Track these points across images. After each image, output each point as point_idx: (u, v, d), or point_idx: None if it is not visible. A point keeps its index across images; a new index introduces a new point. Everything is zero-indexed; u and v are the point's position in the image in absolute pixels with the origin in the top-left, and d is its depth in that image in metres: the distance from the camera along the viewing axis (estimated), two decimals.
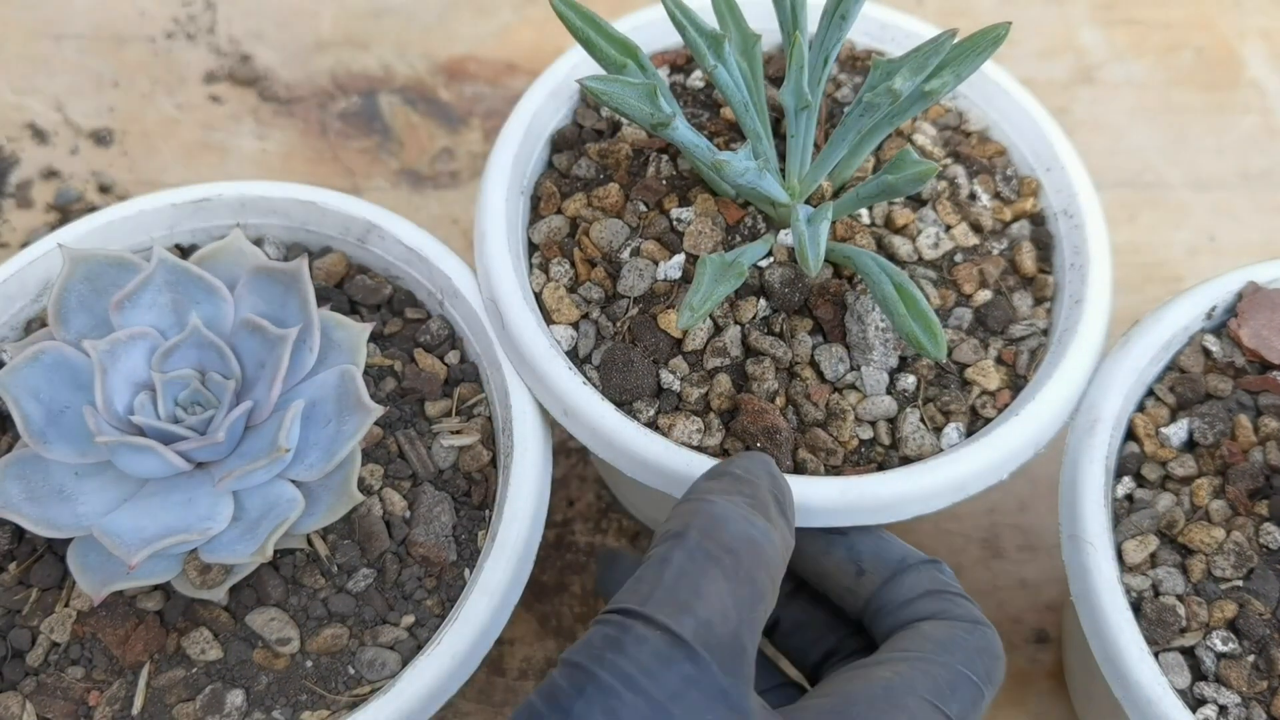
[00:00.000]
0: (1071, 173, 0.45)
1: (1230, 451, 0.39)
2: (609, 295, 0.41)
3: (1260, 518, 0.38)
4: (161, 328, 0.37)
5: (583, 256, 0.42)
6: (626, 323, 0.41)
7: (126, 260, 0.37)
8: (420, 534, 0.38)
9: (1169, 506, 0.39)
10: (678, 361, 0.40)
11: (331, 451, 0.36)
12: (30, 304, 0.42)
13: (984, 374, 0.41)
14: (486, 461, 0.40)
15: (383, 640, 0.37)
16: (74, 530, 0.35)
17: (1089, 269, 0.42)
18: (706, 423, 0.39)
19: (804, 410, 0.40)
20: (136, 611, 0.37)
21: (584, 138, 0.45)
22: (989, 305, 0.42)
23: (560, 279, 0.42)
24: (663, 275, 0.41)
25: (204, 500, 0.35)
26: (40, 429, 0.35)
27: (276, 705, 0.36)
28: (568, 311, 0.41)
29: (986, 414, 0.41)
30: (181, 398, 0.36)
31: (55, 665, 0.37)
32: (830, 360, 0.40)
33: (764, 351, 0.40)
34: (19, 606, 0.37)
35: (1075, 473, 0.39)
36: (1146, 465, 0.40)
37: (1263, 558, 0.37)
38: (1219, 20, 0.64)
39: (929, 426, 0.40)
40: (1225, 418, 0.40)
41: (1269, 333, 0.41)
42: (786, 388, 0.40)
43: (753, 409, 0.39)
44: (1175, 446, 0.40)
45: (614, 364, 0.40)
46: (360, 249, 0.43)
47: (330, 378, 0.37)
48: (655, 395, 0.40)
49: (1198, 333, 0.42)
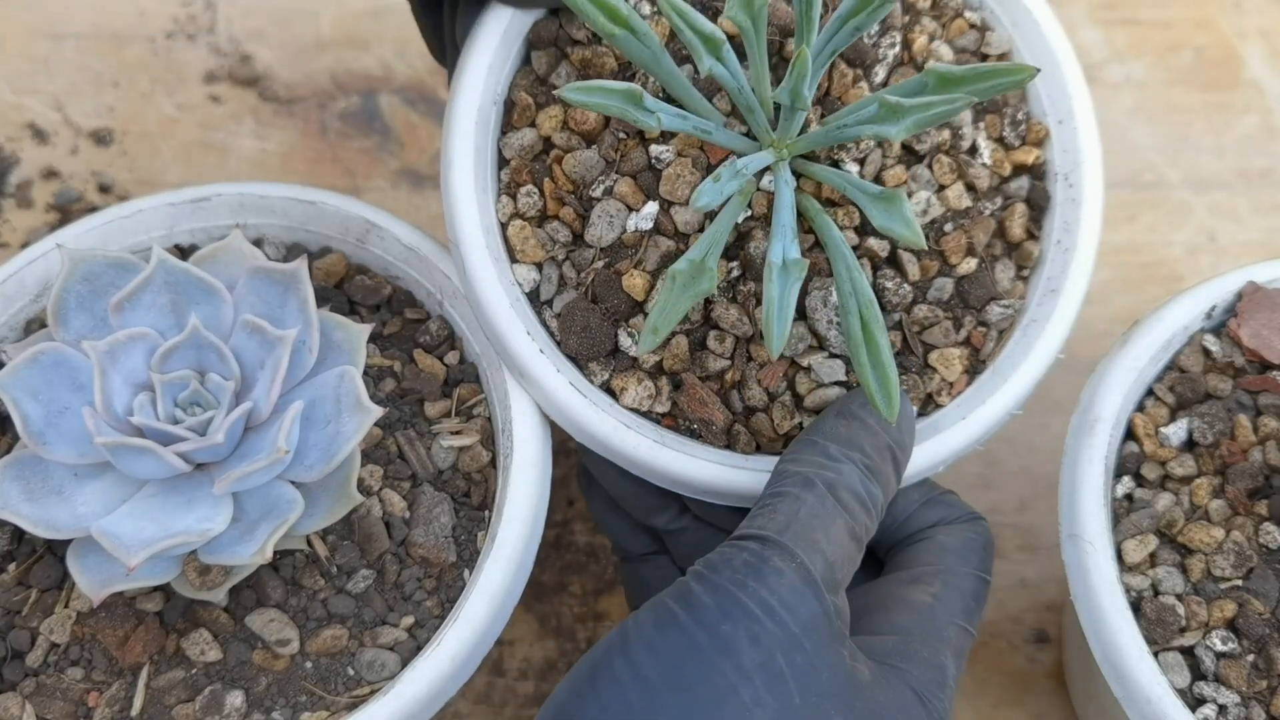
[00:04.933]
0: (1083, 134, 0.42)
1: (1230, 451, 0.39)
2: (575, 238, 0.40)
3: (1260, 517, 0.38)
4: (161, 328, 0.37)
5: (553, 189, 0.40)
6: (591, 274, 0.39)
7: (126, 261, 0.37)
8: (420, 535, 0.38)
9: (1168, 506, 0.39)
10: (638, 321, 0.39)
11: (331, 453, 0.36)
12: (30, 304, 0.42)
13: (947, 363, 0.40)
14: (486, 462, 0.40)
15: (382, 641, 0.37)
16: (73, 531, 0.35)
17: (1073, 258, 0.41)
18: (658, 387, 0.39)
19: (749, 393, 0.39)
20: (136, 612, 0.37)
21: (560, 40, 0.41)
22: (972, 278, 0.40)
23: (528, 211, 0.40)
24: (633, 226, 0.39)
25: (203, 502, 0.35)
26: (39, 430, 0.35)
27: (276, 706, 0.36)
28: (532, 252, 0.40)
29: (941, 400, 0.40)
30: (181, 399, 0.36)
31: (55, 666, 0.37)
32: (793, 339, 0.39)
33: (725, 328, 0.39)
34: (18, 607, 0.37)
35: (1075, 473, 0.39)
36: (1146, 465, 0.40)
37: (1262, 557, 0.37)
38: (1219, 20, 0.64)
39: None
40: (1225, 417, 0.39)
41: (1269, 332, 0.41)
42: (741, 366, 0.39)
43: (695, 397, 0.38)
44: (1175, 446, 0.40)
45: (573, 322, 0.39)
46: (360, 249, 0.43)
47: (330, 379, 0.37)
48: (611, 355, 0.39)
49: (1197, 332, 0.42)
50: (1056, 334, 0.40)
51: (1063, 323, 0.40)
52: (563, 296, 0.40)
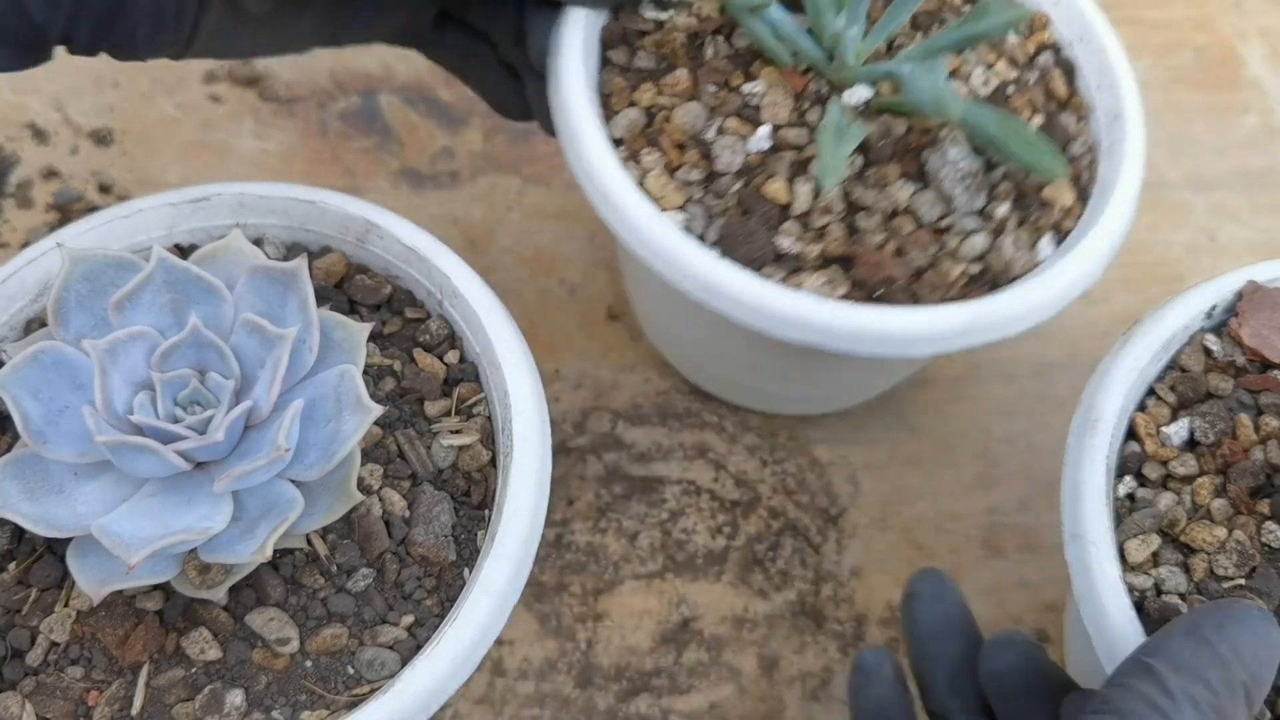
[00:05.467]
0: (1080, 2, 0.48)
1: (1231, 450, 0.39)
2: (708, 175, 0.44)
3: (1262, 516, 0.38)
4: (161, 327, 0.37)
5: (670, 142, 0.44)
6: (734, 197, 0.43)
7: (126, 260, 0.37)
8: (420, 534, 0.38)
9: (1171, 506, 0.39)
10: (789, 225, 0.43)
11: (331, 451, 0.36)
12: (30, 304, 0.42)
13: (1059, 192, 0.45)
14: (486, 461, 0.40)
15: (382, 640, 0.37)
16: (73, 530, 0.35)
17: (1118, 84, 0.47)
18: (831, 276, 0.43)
19: (911, 256, 0.43)
20: (136, 611, 0.37)
21: (629, 36, 0.47)
22: (1047, 129, 0.46)
23: (655, 167, 0.44)
24: (754, 148, 0.44)
25: (203, 500, 0.35)
26: (39, 428, 0.35)
27: (276, 705, 0.36)
28: (673, 196, 0.44)
29: (1066, 226, 0.45)
30: (181, 397, 0.36)
31: (55, 665, 0.37)
32: (926, 206, 0.44)
33: (868, 206, 0.43)
34: (18, 606, 0.37)
35: (1077, 473, 0.39)
36: (1148, 464, 0.40)
37: (1265, 556, 0.37)
38: (1219, 20, 0.64)
39: (1024, 244, 0.44)
40: (1226, 417, 0.40)
41: (1269, 332, 0.41)
42: (894, 237, 0.43)
43: (870, 261, 0.42)
44: (1176, 446, 0.40)
45: (734, 237, 0.43)
46: (360, 249, 0.43)
47: (330, 377, 0.37)
48: (776, 261, 0.43)
49: (1198, 332, 0.42)
50: (1136, 146, 0.46)
51: (1136, 135, 0.46)
52: (714, 224, 0.43)
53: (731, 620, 0.49)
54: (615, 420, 0.54)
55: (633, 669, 0.48)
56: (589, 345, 0.56)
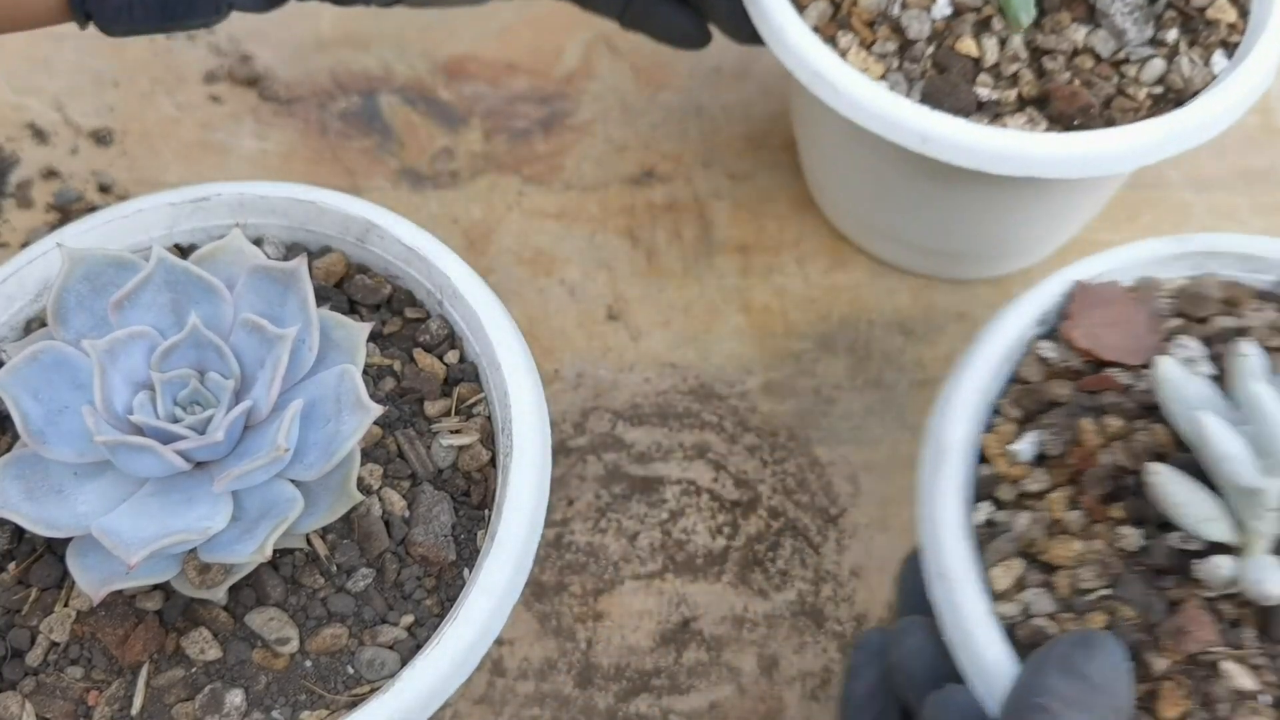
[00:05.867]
0: None
1: (1079, 458, 0.37)
2: (902, 45, 0.49)
3: (1116, 521, 0.36)
4: (161, 327, 0.37)
5: (861, 23, 0.50)
6: (929, 60, 0.49)
7: (125, 260, 0.37)
8: (419, 534, 0.38)
9: (1028, 525, 0.37)
10: (984, 77, 0.49)
11: (331, 451, 0.36)
12: (29, 304, 0.42)
13: (1221, 10, 0.49)
14: (486, 461, 0.40)
15: (382, 640, 0.37)
16: (73, 530, 0.35)
17: None
18: (1030, 115, 0.48)
19: (1098, 87, 0.48)
20: (136, 611, 0.37)
21: None
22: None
23: (852, 46, 0.49)
24: (938, 15, 0.50)
25: (203, 500, 0.35)
26: (39, 428, 0.35)
27: (276, 705, 0.36)
28: (874, 68, 0.49)
29: (1234, 40, 0.49)
30: (181, 397, 0.36)
31: (54, 665, 0.37)
32: (1101, 42, 0.49)
33: (1050, 49, 0.48)
34: (18, 606, 0.37)
35: (932, 509, 0.37)
36: (1001, 486, 0.38)
37: (1124, 562, 0.35)
38: None
39: (1199, 61, 0.48)
40: (1070, 424, 0.38)
41: (1100, 330, 0.40)
42: (1079, 74, 0.48)
43: (1064, 94, 0.47)
44: (1026, 462, 0.38)
45: (937, 93, 0.48)
46: (360, 248, 0.43)
47: (329, 377, 0.37)
48: (980, 109, 0.48)
49: (1033, 340, 0.41)
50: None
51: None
52: (916, 86, 0.49)
53: (731, 620, 0.49)
54: (615, 420, 0.54)
55: (633, 669, 0.48)
56: (589, 345, 0.56)
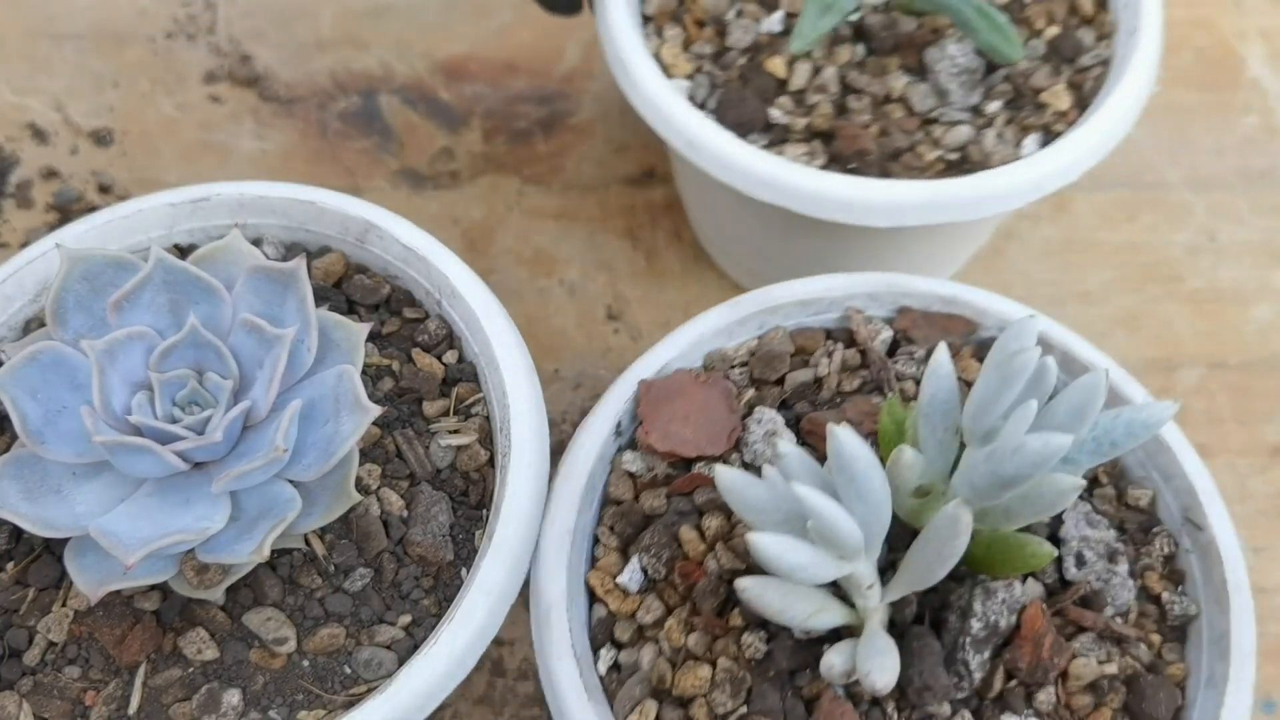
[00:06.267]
0: None
1: (685, 572, 0.36)
2: (719, 50, 0.49)
3: (737, 630, 0.34)
4: (159, 328, 0.37)
5: (692, 20, 0.50)
6: (737, 71, 0.48)
7: (124, 260, 0.37)
8: (418, 534, 0.38)
9: (652, 661, 0.35)
10: (784, 100, 0.48)
11: (329, 451, 0.36)
12: (29, 304, 0.42)
13: (1056, 97, 0.47)
14: (484, 461, 0.40)
15: (379, 640, 0.37)
16: (71, 530, 0.35)
17: (1142, 4, 0.48)
18: (812, 148, 0.46)
19: (893, 137, 0.46)
20: (134, 611, 0.37)
21: None
22: (1059, 38, 0.49)
23: (674, 40, 0.49)
24: (766, 29, 0.49)
25: (201, 500, 0.35)
26: (38, 429, 0.35)
27: (273, 705, 0.36)
28: (683, 66, 0.49)
29: (1058, 129, 0.47)
30: (179, 398, 0.36)
31: (52, 665, 0.37)
32: (919, 96, 0.47)
33: (861, 89, 0.47)
34: (16, 606, 0.37)
35: (548, 673, 0.35)
36: (619, 625, 0.36)
37: (753, 672, 0.34)
38: (1219, 20, 0.64)
39: (1009, 140, 0.47)
40: (670, 538, 0.36)
41: (676, 426, 0.38)
42: (881, 121, 0.47)
43: (848, 134, 0.46)
44: (637, 591, 0.36)
45: (729, 103, 0.47)
46: (359, 249, 0.43)
47: (328, 378, 0.37)
48: (765, 129, 0.47)
49: (615, 455, 0.39)
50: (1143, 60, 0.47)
51: (1147, 51, 0.47)
52: (716, 93, 0.48)
53: None
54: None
55: None
56: (589, 345, 0.56)
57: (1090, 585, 0.36)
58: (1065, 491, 0.30)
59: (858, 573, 0.31)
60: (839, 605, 0.33)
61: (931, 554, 0.31)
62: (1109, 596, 0.36)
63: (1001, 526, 0.32)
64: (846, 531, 0.30)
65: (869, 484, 0.30)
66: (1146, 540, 0.38)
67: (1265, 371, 0.54)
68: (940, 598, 0.35)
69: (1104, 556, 0.36)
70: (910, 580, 0.32)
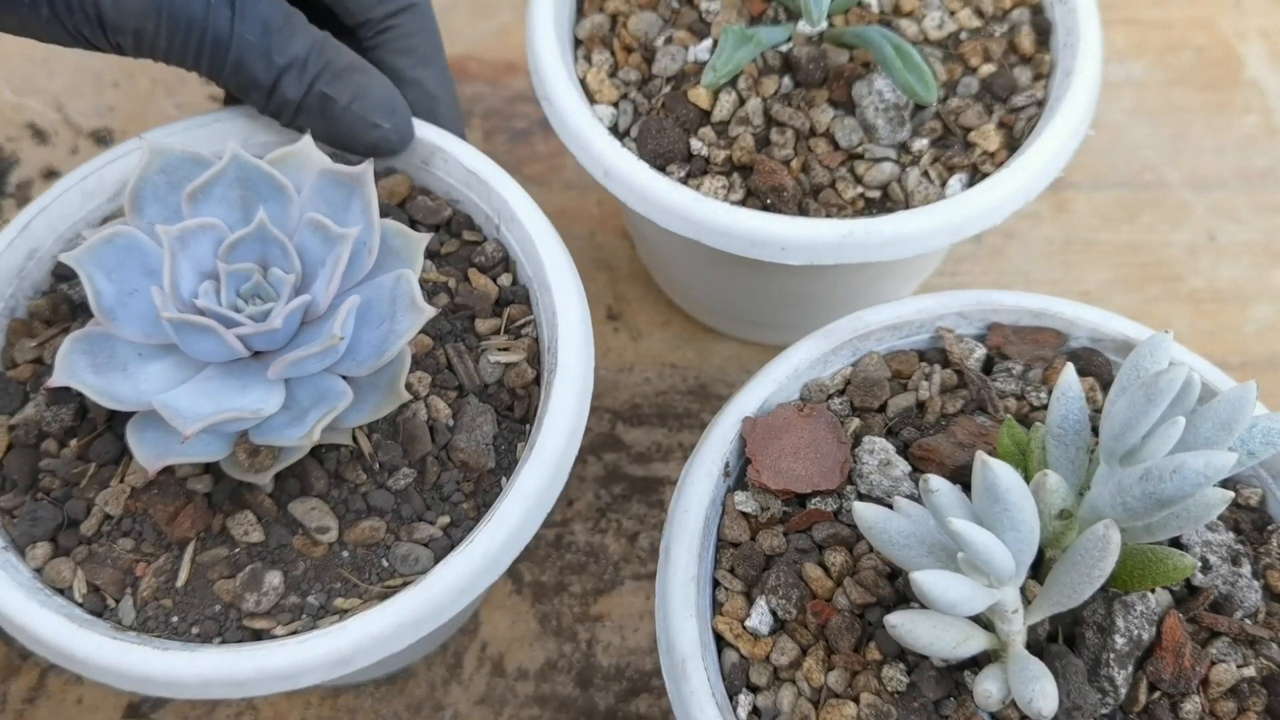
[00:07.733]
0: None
1: (817, 611, 0.35)
2: (645, 77, 0.47)
3: (877, 664, 0.34)
4: (230, 221, 0.38)
5: (621, 45, 0.48)
6: (660, 99, 0.46)
7: (201, 157, 0.39)
8: (462, 440, 0.39)
9: (793, 703, 0.34)
10: (706, 131, 0.46)
11: (382, 349, 0.37)
12: (106, 202, 0.44)
13: (985, 137, 0.45)
14: (530, 379, 0.41)
15: (418, 537, 0.38)
16: (134, 404, 0.36)
17: (1079, 44, 0.46)
18: (730, 181, 0.45)
19: (814, 173, 0.45)
20: (186, 491, 0.38)
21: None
22: (993, 76, 0.47)
23: (601, 66, 0.48)
24: (693, 57, 0.47)
25: (258, 386, 0.37)
26: (110, 306, 0.37)
27: (312, 590, 0.37)
28: (608, 92, 0.47)
29: (986, 170, 0.45)
30: (244, 289, 0.38)
31: (107, 536, 0.38)
32: (844, 131, 0.45)
33: (784, 122, 0.45)
34: (77, 479, 0.38)
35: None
36: (754, 669, 0.35)
37: (898, 705, 0.33)
38: (1219, 20, 0.64)
39: (934, 180, 0.45)
40: (795, 577, 0.36)
41: (786, 462, 0.37)
42: (803, 155, 0.45)
43: (765, 169, 0.44)
44: (767, 634, 0.36)
45: (649, 132, 0.45)
46: (423, 171, 0.45)
47: (387, 280, 0.38)
48: (686, 160, 0.46)
49: (726, 496, 0.38)
50: (1075, 102, 0.45)
51: (1081, 94, 0.45)
52: (638, 123, 0.47)
53: None
54: (615, 420, 0.54)
55: (633, 669, 0.48)
56: None
57: (1218, 589, 0.35)
58: (1214, 505, 0.30)
59: (1005, 599, 0.31)
60: (982, 632, 0.32)
61: (1079, 575, 0.30)
62: (1238, 599, 0.35)
63: (1141, 541, 0.32)
64: (1001, 561, 0.30)
65: (1022, 513, 0.30)
66: (1263, 539, 0.37)
67: (1265, 371, 0.54)
68: (1070, 614, 0.34)
69: (1227, 559, 0.35)
70: (1055, 601, 0.31)
